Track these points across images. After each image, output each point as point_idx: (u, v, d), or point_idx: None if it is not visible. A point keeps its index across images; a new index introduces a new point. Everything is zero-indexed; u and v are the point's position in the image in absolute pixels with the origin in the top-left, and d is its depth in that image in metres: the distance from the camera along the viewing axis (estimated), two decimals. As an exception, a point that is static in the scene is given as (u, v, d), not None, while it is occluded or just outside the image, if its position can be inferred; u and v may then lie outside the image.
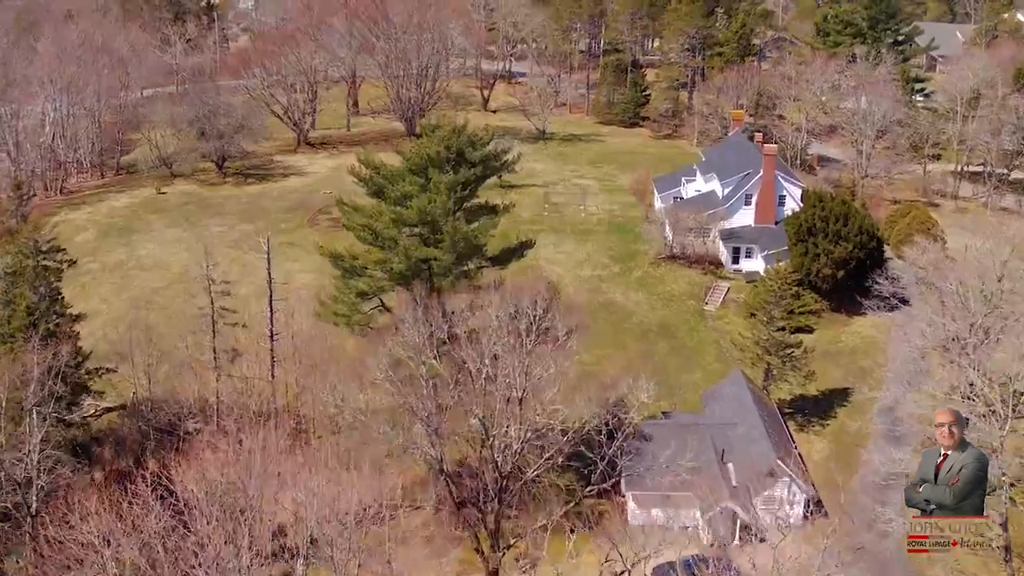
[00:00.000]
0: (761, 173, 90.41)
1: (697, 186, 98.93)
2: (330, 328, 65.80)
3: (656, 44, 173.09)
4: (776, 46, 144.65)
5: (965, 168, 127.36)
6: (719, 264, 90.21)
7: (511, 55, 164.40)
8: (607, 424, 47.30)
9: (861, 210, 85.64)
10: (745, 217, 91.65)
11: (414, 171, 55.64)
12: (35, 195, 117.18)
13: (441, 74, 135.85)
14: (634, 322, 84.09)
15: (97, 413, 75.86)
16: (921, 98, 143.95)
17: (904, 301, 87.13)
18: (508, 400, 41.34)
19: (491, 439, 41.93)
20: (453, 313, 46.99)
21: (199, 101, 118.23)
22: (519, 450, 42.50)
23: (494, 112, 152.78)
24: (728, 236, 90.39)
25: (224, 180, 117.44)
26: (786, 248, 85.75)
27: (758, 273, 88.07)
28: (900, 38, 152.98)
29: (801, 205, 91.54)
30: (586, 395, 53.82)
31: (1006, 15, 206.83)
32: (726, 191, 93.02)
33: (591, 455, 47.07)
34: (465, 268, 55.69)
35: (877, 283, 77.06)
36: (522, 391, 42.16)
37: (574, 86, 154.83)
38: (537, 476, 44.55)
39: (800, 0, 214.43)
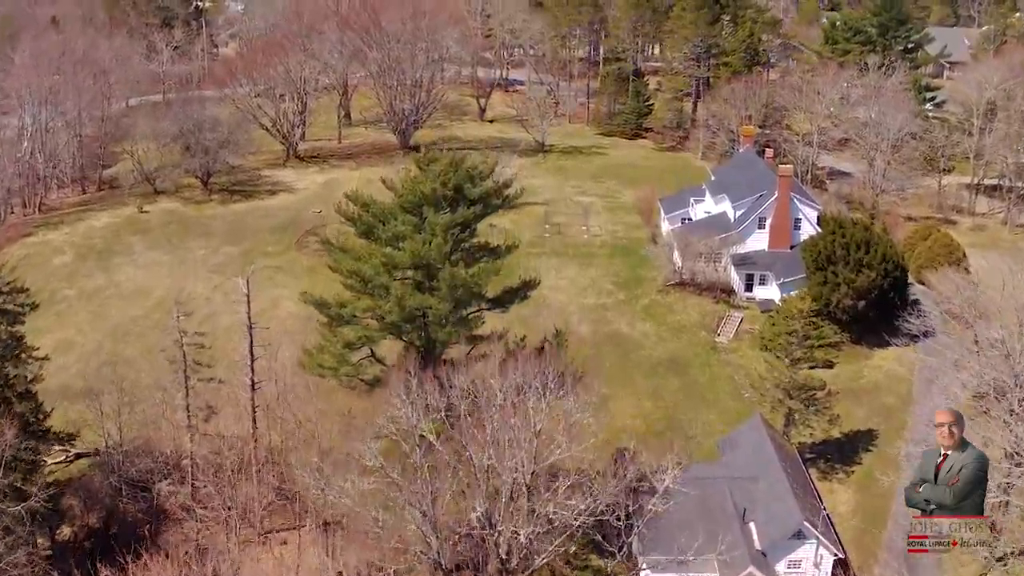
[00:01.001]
0: (776, 195, 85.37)
1: (706, 207, 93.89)
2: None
3: (658, 51, 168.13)
4: (784, 54, 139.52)
5: (981, 182, 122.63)
6: (731, 292, 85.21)
7: (508, 62, 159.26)
8: (626, 508, 42.16)
9: (883, 235, 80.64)
10: (759, 241, 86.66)
11: (407, 209, 50.53)
12: (12, 212, 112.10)
13: (436, 84, 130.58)
14: (642, 356, 79.02)
15: (68, 460, 70.81)
16: (931, 107, 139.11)
17: (927, 332, 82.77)
18: (513, 492, 36.27)
19: (496, 535, 36.93)
20: (451, 387, 41.90)
21: (183, 115, 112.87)
22: (527, 544, 37.48)
23: (491, 122, 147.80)
24: (741, 262, 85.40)
25: (209, 197, 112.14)
26: (804, 276, 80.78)
27: (773, 302, 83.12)
28: (910, 45, 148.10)
29: (818, 229, 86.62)
30: (602, 462, 49.00)
31: (1015, 17, 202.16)
32: (738, 214, 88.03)
33: (608, 546, 41.93)
34: (463, 316, 50.55)
35: (906, 321, 72.15)
36: (530, 475, 37.09)
37: (574, 95, 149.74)
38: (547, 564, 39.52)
39: (802, 5, 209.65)
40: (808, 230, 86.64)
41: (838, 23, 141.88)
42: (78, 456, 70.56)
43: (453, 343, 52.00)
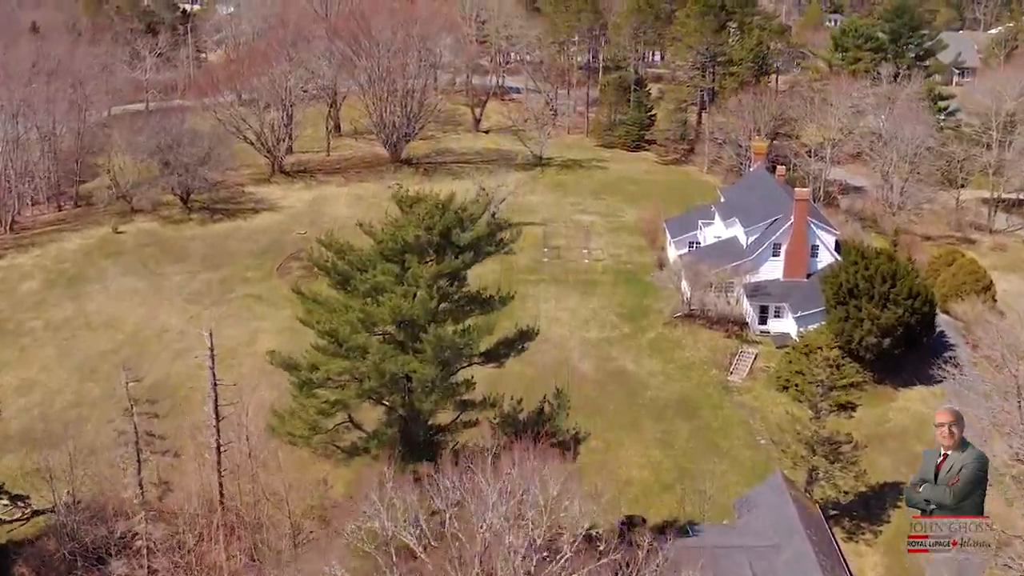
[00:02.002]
0: (791, 221, 79.48)
1: (716, 230, 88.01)
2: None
3: (659, 57, 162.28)
4: (793, 62, 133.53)
5: (999, 197, 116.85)
6: (744, 325, 79.30)
7: (505, 70, 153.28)
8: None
9: (909, 265, 74.75)
10: (773, 270, 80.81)
11: (388, 257, 44.54)
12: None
13: (429, 94, 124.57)
14: (649, 397, 73.11)
15: (25, 516, 64.91)
16: (944, 116, 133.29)
17: (955, 362, 77.14)
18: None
19: None
20: (430, 499, 35.95)
21: (161, 129, 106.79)
22: None
23: (486, 133, 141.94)
24: (754, 292, 79.52)
25: (189, 216, 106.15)
26: (822, 309, 74.93)
27: (789, 336, 77.37)
28: (922, 52, 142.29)
29: (836, 256, 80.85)
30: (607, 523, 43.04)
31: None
32: (751, 239, 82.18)
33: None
34: (452, 383, 44.61)
35: (937, 367, 66.37)
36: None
37: (572, 105, 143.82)
38: None
39: (807, 10, 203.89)
40: (826, 257, 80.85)
41: (848, 30, 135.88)
42: (35, 513, 64.75)
43: (440, 410, 45.99)
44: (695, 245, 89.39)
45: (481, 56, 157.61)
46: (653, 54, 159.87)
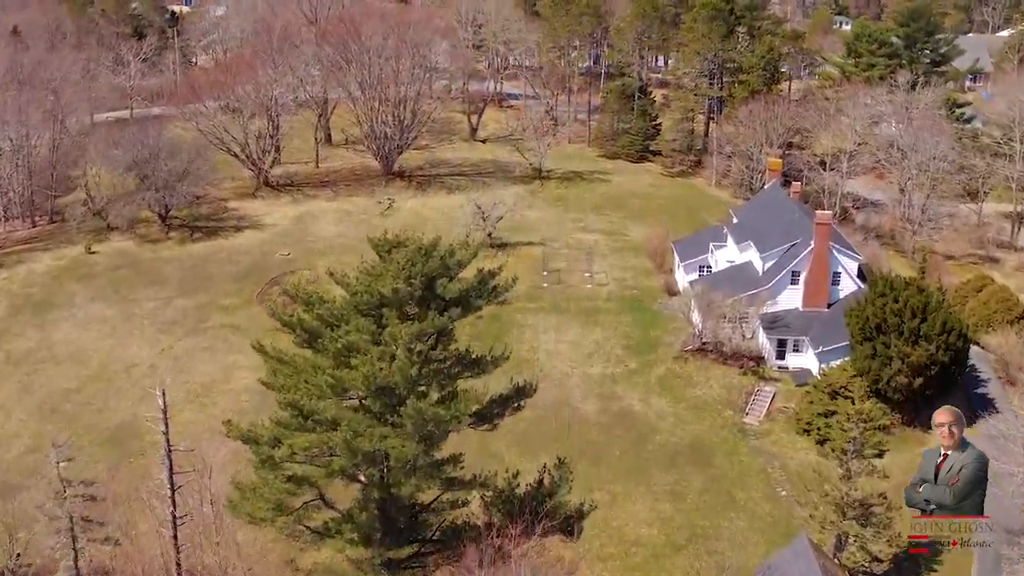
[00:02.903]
0: (812, 246, 73.39)
1: (728, 254, 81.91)
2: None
3: (665, 64, 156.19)
4: (804, 68, 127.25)
5: (1022, 211, 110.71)
6: (760, 359, 73.17)
7: (502, 76, 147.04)
8: None
9: (939, 296, 68.60)
10: (791, 298, 74.76)
11: (363, 311, 38.42)
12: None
13: (422, 104, 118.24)
14: (658, 442, 66.98)
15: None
16: (959, 125, 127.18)
17: (987, 398, 71.47)
18: None
19: None
20: None
21: (138, 141, 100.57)
22: None
23: (483, 142, 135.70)
24: (772, 324, 73.43)
25: (167, 235, 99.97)
26: (846, 344, 68.84)
27: (810, 373, 71.30)
28: (938, 58, 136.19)
29: (858, 283, 74.88)
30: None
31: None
32: (767, 266, 76.09)
33: None
34: (435, 461, 38.44)
35: (973, 407, 60.27)
36: None
37: (573, 112, 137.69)
38: None
39: (815, 13, 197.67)
40: (848, 285, 74.85)
41: (861, 35, 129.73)
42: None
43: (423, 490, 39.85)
44: (706, 270, 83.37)
45: (478, 61, 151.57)
46: (656, 58, 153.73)
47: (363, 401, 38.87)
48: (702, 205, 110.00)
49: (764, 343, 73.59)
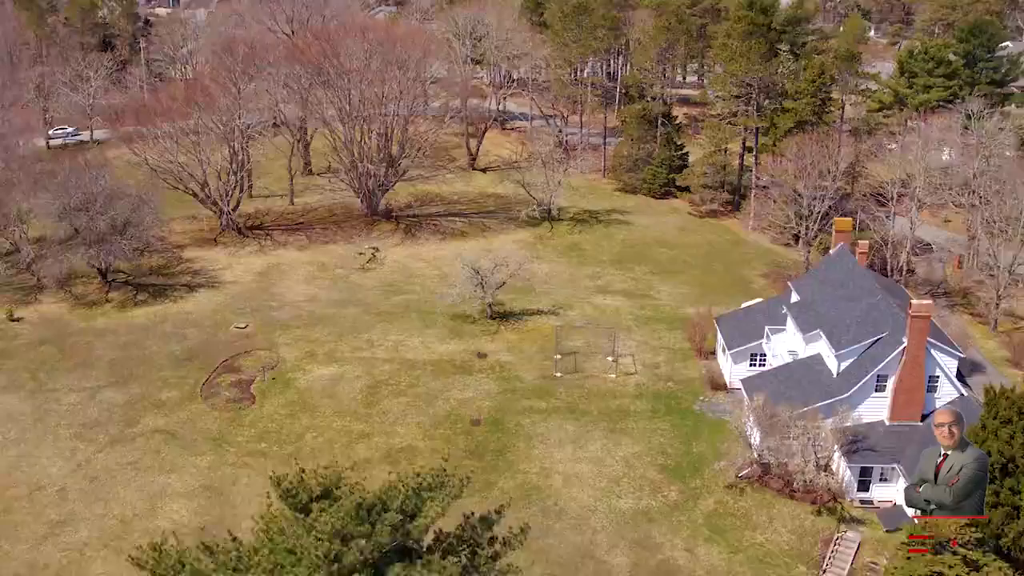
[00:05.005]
0: (903, 344, 57.00)
1: (789, 341, 65.63)
2: None
3: (683, 77, 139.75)
4: (848, 90, 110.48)
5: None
6: (837, 491, 56.80)
7: (505, 95, 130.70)
8: None
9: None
10: (874, 409, 58.45)
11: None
12: None
13: (412, 129, 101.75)
14: (713, 618, 50.64)
15: None
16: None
17: None
18: None
19: None
20: None
21: (72, 185, 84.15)
22: None
23: (483, 171, 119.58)
24: (851, 446, 57.03)
25: (107, 296, 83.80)
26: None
27: (903, 513, 54.76)
28: (999, 78, 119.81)
29: (959, 387, 58.62)
30: None
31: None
32: (843, 365, 59.75)
33: None
34: None
35: None
36: None
37: (586, 138, 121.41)
38: None
39: (847, 23, 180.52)
40: (947, 391, 58.54)
41: (916, 52, 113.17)
42: None
43: None
44: (759, 359, 67.08)
45: (477, 76, 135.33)
46: (682, 71, 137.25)
47: None
48: (741, 257, 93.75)
49: (842, 469, 57.22)
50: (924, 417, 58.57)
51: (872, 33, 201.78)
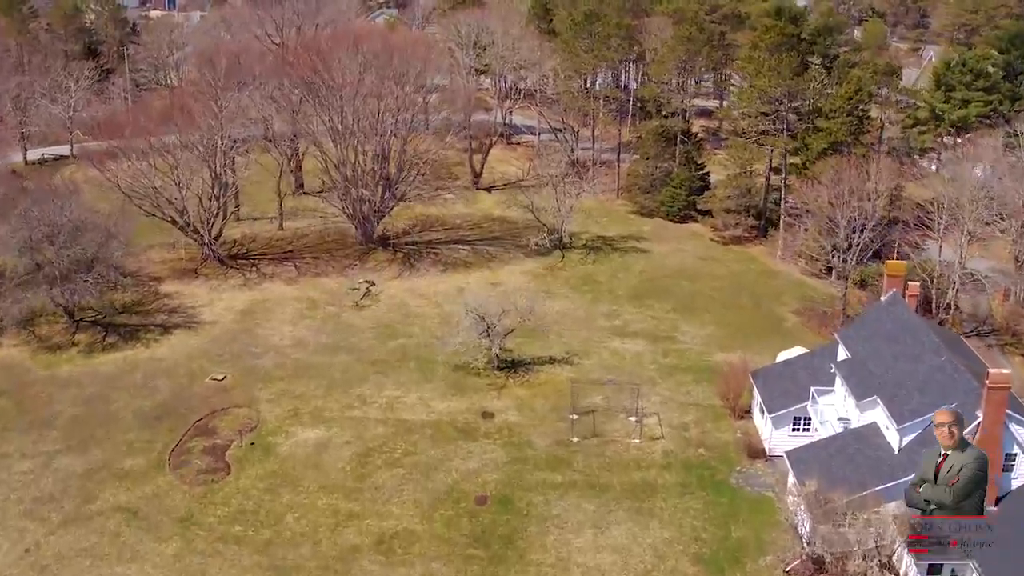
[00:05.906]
0: (978, 419, 49.00)
1: (838, 406, 57.62)
2: None
3: (696, 84, 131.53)
4: (895, 107, 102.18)
5: None
6: (902, 590, 48.91)
7: (512, 108, 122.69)
8: None
9: None
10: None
11: None
12: None
13: (410, 149, 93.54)
14: None
15: None
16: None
17: None
18: None
19: None
20: None
21: (35, 217, 76.15)
22: None
23: (488, 191, 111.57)
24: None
25: (73, 339, 75.85)
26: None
27: (982, 619, 46.83)
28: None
29: (1043, 469, 50.71)
30: None
31: None
32: (906, 440, 51.74)
33: None
34: None
35: None
36: None
37: (598, 154, 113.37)
38: None
39: (868, 26, 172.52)
40: (1025, 469, 50.57)
41: (954, 64, 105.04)
42: None
43: None
44: (802, 422, 59.07)
45: (481, 88, 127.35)
46: (700, 80, 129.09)
47: None
48: (771, 290, 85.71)
49: (907, 564, 49.22)
50: (999, 500, 50.68)
51: (888, 38, 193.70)
